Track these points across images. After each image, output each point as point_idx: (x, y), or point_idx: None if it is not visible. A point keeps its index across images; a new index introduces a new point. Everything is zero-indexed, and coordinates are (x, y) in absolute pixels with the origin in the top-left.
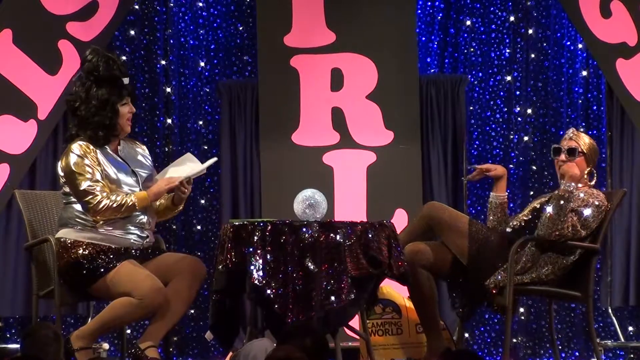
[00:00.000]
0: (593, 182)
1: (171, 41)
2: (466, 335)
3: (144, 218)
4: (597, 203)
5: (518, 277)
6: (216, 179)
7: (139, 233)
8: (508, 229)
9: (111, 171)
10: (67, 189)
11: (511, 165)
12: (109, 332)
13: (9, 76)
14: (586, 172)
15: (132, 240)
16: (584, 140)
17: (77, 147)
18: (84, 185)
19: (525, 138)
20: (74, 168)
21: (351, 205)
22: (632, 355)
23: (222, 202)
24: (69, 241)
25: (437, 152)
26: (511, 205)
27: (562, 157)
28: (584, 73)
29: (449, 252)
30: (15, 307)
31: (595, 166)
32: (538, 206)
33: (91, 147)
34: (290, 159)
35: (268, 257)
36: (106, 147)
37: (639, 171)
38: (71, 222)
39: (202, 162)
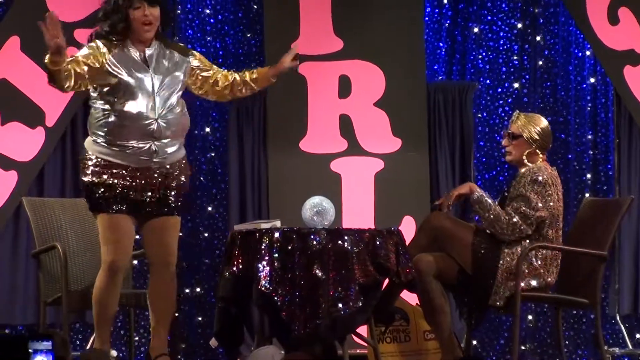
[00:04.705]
0: (538, 162)
1: None
2: (474, 342)
3: (153, 125)
4: (539, 179)
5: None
6: (223, 186)
7: (147, 147)
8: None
9: (123, 73)
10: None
11: None
12: (107, 321)
13: (17, 83)
14: (525, 153)
15: (140, 157)
16: (524, 124)
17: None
18: None
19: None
20: None
21: (359, 212)
22: None
23: (230, 209)
24: (86, 155)
25: (444, 159)
26: None
27: (504, 141)
28: (592, 80)
29: (455, 262)
30: (26, 314)
31: (542, 147)
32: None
33: (100, 43)
34: (298, 166)
35: (275, 264)
36: (128, 48)
37: None
38: (91, 129)
39: None
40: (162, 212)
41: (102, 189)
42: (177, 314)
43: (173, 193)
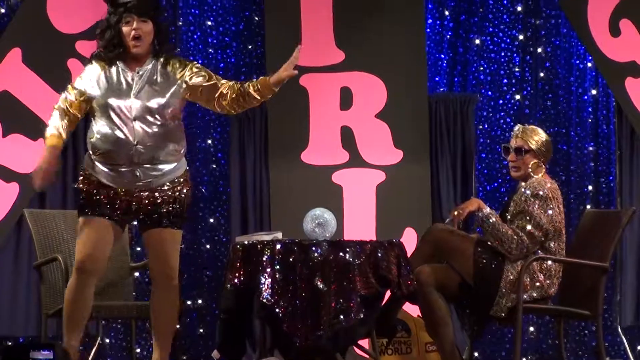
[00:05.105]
0: (540, 175)
1: None
2: (475, 354)
3: (132, 150)
4: (540, 194)
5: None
6: (225, 197)
7: (129, 171)
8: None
9: (103, 97)
10: None
11: None
12: (74, 324)
13: (19, 95)
14: (530, 164)
15: (124, 181)
16: (531, 136)
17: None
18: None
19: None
20: None
21: (360, 224)
22: None
23: (231, 221)
24: (82, 167)
25: (446, 171)
26: None
27: (511, 156)
28: (593, 92)
29: (457, 274)
30: (28, 326)
31: (547, 159)
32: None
33: (92, 66)
34: (300, 178)
35: (277, 276)
36: (120, 67)
37: None
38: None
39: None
40: (157, 224)
41: (87, 195)
42: (178, 326)
43: (164, 210)
